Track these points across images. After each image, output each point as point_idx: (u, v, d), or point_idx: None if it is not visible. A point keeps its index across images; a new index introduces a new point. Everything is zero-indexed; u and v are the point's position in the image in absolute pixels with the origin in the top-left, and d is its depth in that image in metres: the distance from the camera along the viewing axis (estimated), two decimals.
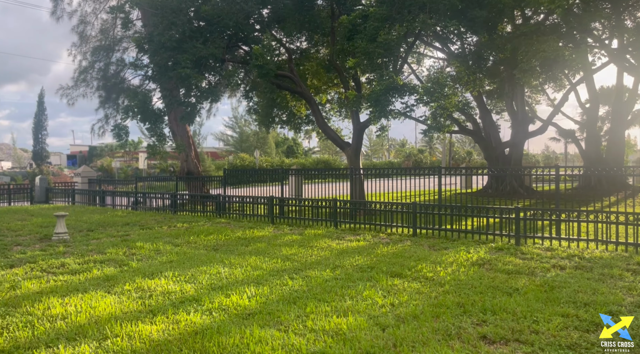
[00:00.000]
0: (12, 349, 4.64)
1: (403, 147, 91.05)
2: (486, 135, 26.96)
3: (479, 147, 34.77)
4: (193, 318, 5.48)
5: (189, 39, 16.95)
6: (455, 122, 26.38)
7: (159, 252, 9.65)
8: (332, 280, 7.21)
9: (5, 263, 8.78)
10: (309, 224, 13.58)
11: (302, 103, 22.75)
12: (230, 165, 49.81)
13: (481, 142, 27.20)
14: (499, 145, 26.92)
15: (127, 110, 17.69)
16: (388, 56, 15.65)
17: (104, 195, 20.27)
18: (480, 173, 14.47)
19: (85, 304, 6.05)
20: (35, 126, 49.03)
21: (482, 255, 9.09)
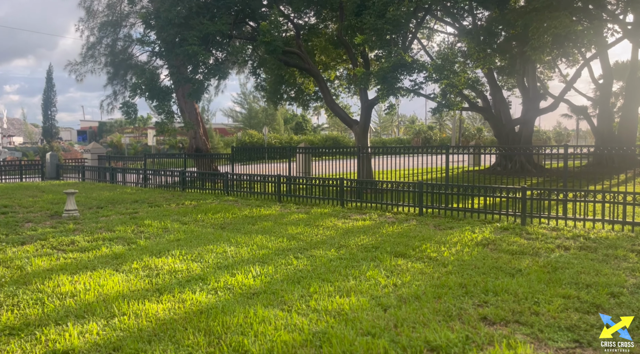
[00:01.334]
0: (23, 326, 4.78)
1: (413, 124, 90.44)
2: (496, 112, 26.69)
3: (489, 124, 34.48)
4: (198, 297, 5.58)
5: (195, 15, 16.81)
6: (465, 98, 26.13)
7: (167, 230, 9.78)
8: (336, 260, 7.28)
9: (17, 239, 8.96)
10: (316, 203, 13.65)
11: (310, 80, 22.61)
12: (238, 141, 49.89)
13: (491, 119, 26.95)
14: (509, 122, 26.65)
15: (135, 87, 17.69)
16: (397, 32, 15.44)
17: (113, 172, 20.45)
18: (489, 152, 14.36)
19: (93, 282, 6.18)
20: (44, 103, 49.23)
21: (487, 234, 9.11)
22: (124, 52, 26.40)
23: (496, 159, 25.72)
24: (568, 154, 14.24)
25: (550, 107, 26.50)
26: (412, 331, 4.63)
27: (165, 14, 16.62)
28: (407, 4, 14.84)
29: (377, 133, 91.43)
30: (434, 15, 22.15)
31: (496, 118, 26.46)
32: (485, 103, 27.09)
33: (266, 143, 48.22)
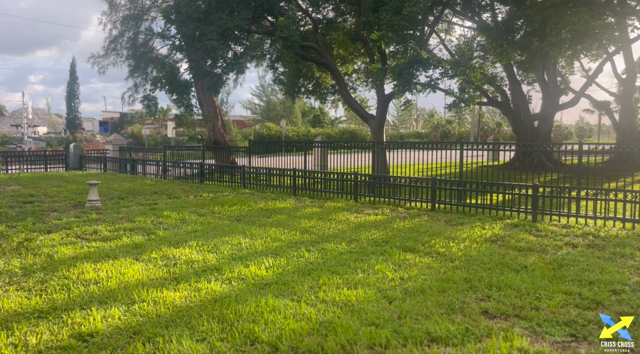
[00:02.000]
0: (51, 310, 5.13)
1: (432, 117, 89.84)
2: (515, 107, 26.54)
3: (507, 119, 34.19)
4: (213, 286, 5.89)
5: (215, 10, 17.10)
6: (484, 93, 26.01)
7: (185, 221, 10.13)
8: (346, 253, 7.53)
9: (43, 228, 9.39)
10: (330, 196, 13.90)
11: (328, 73, 22.77)
12: (256, 134, 50.32)
13: (510, 114, 26.80)
14: (528, 117, 26.47)
15: (156, 81, 18.10)
16: (413, 29, 15.52)
17: (133, 163, 20.96)
18: (503, 148, 14.40)
19: (115, 270, 6.53)
20: (68, 95, 50.32)
21: (497, 231, 9.26)
22: (145, 45, 26.88)
23: (514, 154, 25.60)
24: (586, 151, 14.24)
25: (570, 102, 26.27)
26: (414, 322, 4.86)
27: (185, 9, 16.97)
28: (423, 1, 14.91)
29: (395, 127, 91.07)
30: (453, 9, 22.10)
31: (515, 113, 26.33)
32: (503, 98, 26.95)
33: (283, 136, 48.55)
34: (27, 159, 23.49)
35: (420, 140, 63.72)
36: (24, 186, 16.20)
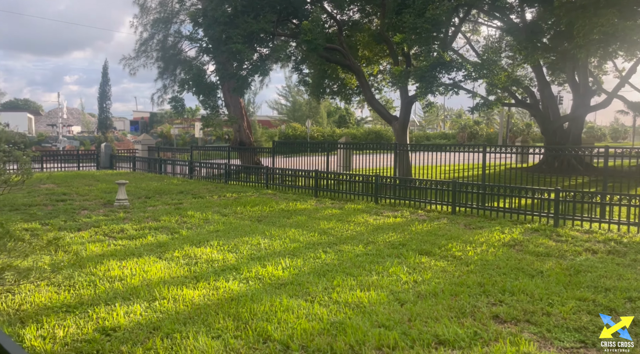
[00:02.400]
0: (78, 305, 5.42)
1: (460, 118, 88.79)
2: (544, 108, 26.10)
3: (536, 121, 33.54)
4: (231, 285, 6.10)
5: (240, 14, 17.40)
6: (511, 94, 25.69)
7: (208, 221, 10.41)
8: (363, 255, 7.66)
9: (74, 226, 9.80)
10: (351, 198, 14.02)
11: (352, 75, 22.88)
12: (281, 134, 50.72)
13: (538, 115, 26.38)
14: (558, 118, 25.99)
15: (183, 82, 18.53)
16: (436, 31, 15.50)
17: (161, 163, 21.49)
18: (526, 151, 14.27)
19: (139, 268, 6.82)
20: (100, 96, 51.73)
21: (516, 235, 9.25)
22: (174, 48, 27.47)
23: (543, 157, 25.22)
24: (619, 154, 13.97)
25: (603, 103, 25.69)
26: (423, 325, 4.97)
27: (212, 12, 17.32)
28: (446, 3, 14.89)
29: (421, 127, 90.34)
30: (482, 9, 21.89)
31: (543, 114, 25.90)
32: (532, 100, 26.55)
33: (309, 136, 48.83)
34: (61, 158, 24.30)
35: (447, 142, 63.16)
36: (58, 185, 16.82)
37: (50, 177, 19.59)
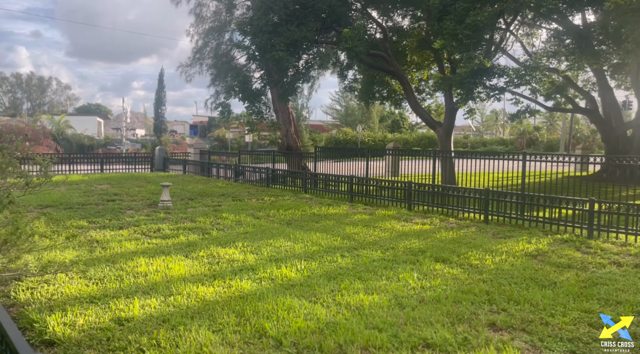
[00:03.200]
0: (102, 297, 5.96)
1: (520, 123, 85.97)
2: (605, 115, 24.97)
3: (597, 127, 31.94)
4: (243, 284, 6.48)
5: (284, 23, 17.94)
6: (570, 100, 24.79)
7: (240, 223, 10.90)
8: (378, 261, 7.85)
9: (116, 224, 10.56)
10: (385, 204, 14.15)
11: (396, 81, 22.91)
12: (332, 139, 51.16)
13: (598, 122, 25.26)
14: (620, 125, 24.72)
15: (229, 89, 19.33)
16: (477, 38, 15.37)
17: (209, 166, 22.40)
18: (567, 161, 13.88)
19: (164, 265, 7.34)
20: (156, 102, 54.43)
21: (542, 246, 9.12)
22: (226, 55, 28.53)
23: (603, 165, 24.06)
24: None
25: None
26: (415, 329, 5.13)
27: (257, 22, 17.97)
28: (488, 9, 14.75)
29: (479, 133, 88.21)
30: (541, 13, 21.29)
31: (604, 121, 24.76)
32: (592, 105, 25.42)
33: (359, 141, 49.00)
34: (118, 160, 25.83)
35: (503, 148, 61.54)
36: (112, 186, 17.96)
37: (107, 178, 20.91)
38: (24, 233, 3.86)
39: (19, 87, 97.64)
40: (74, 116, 69.08)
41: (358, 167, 18.52)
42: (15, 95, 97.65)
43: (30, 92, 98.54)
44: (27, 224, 4.27)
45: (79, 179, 20.22)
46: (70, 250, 8.17)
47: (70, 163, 24.71)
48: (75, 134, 48.69)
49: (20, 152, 6.57)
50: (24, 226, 4.14)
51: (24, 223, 4.09)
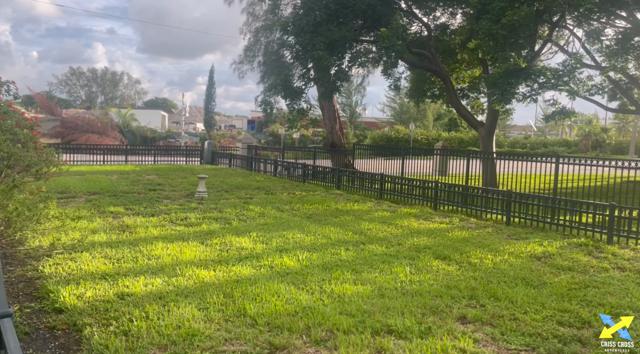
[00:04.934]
0: (114, 274, 6.68)
1: (590, 124, 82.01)
2: None
3: None
4: (242, 270, 7.03)
5: (325, 22, 18.39)
6: (632, 101, 23.69)
7: (263, 215, 11.50)
8: (380, 255, 8.18)
9: (150, 212, 11.43)
10: (411, 202, 14.33)
11: (452, 77, 22.78)
12: (384, 137, 51.12)
13: None
14: None
15: (272, 87, 20.02)
16: (514, 37, 15.14)
17: (252, 161, 23.28)
18: (602, 164, 13.43)
19: (178, 250, 8.02)
20: (206, 97, 56.74)
21: (551, 248, 9.10)
22: (275, 53, 29.40)
23: None
24: None
25: None
26: (384, 317, 5.48)
27: (299, 22, 18.52)
28: (525, 9, 14.53)
29: (540, 134, 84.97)
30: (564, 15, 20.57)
31: None
32: None
33: (412, 139, 48.69)
34: (171, 152, 27.30)
35: (566, 149, 59.19)
36: (159, 176, 19.15)
37: (157, 169, 22.22)
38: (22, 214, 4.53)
39: (94, 81, 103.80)
40: (140, 109, 72.77)
41: (392, 165, 18.70)
42: (91, 89, 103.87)
43: (104, 86, 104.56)
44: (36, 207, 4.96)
45: (130, 169, 21.66)
46: (101, 233, 9.05)
47: (126, 154, 26.40)
48: (140, 127, 51.41)
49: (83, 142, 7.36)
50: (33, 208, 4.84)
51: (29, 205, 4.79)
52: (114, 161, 25.94)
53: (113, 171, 21.12)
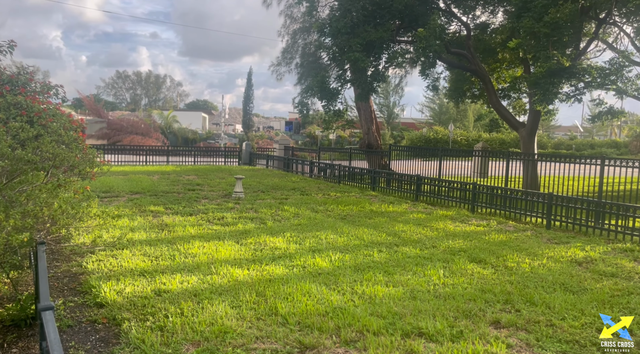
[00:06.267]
0: (152, 271, 6.89)
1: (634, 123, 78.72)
2: None
3: None
4: (275, 269, 7.12)
5: (361, 24, 18.37)
6: None
7: (297, 216, 11.59)
8: (413, 257, 8.12)
9: (189, 211, 11.70)
10: (448, 204, 14.13)
11: (494, 78, 22.38)
12: (421, 137, 50.54)
13: None
14: None
15: (308, 88, 20.14)
16: (557, 36, 14.72)
17: (288, 162, 23.47)
18: None
19: (214, 249, 8.19)
20: (244, 99, 57.56)
21: (594, 253, 8.81)
22: (312, 55, 29.57)
23: None
24: None
25: None
26: (415, 319, 5.44)
27: (335, 24, 18.56)
28: (569, 6, 14.11)
29: (588, 134, 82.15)
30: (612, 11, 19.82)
31: None
32: None
33: (450, 140, 47.97)
34: (210, 153, 27.84)
35: (614, 151, 57.13)
36: (198, 176, 19.57)
37: (197, 169, 22.70)
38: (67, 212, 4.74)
39: (138, 84, 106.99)
40: (181, 111, 74.47)
41: (429, 167, 18.51)
42: (136, 92, 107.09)
43: (148, 89, 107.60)
44: (79, 205, 5.19)
45: (171, 169, 22.22)
46: (141, 231, 9.34)
47: (168, 155, 27.10)
48: (181, 128, 52.64)
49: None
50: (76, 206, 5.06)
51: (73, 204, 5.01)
52: (156, 161, 26.66)
53: (155, 171, 21.71)
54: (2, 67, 7.83)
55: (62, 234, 5.46)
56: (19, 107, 6.46)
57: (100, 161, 7.22)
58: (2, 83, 7.10)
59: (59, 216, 4.90)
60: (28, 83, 7.52)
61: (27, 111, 6.50)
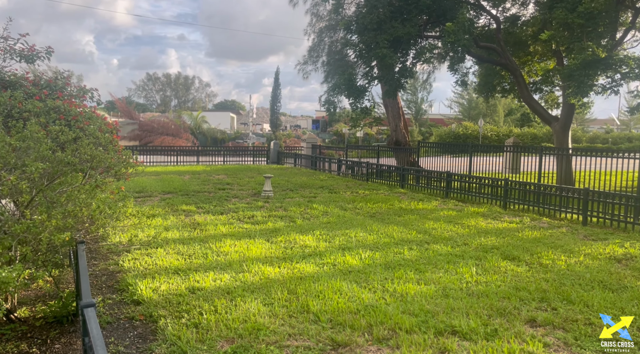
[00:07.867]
0: (185, 269, 7.01)
1: None
2: None
3: None
4: (306, 267, 7.15)
5: (389, 20, 18.25)
6: None
7: (326, 214, 11.61)
8: (445, 255, 8.04)
9: (219, 210, 11.86)
10: (479, 201, 13.93)
11: (525, 70, 21.96)
12: (450, 133, 49.92)
13: None
14: None
15: (335, 86, 20.13)
16: (592, 26, 14.32)
17: (316, 160, 23.51)
18: None
19: (245, 247, 8.28)
20: (272, 99, 57.95)
21: (634, 250, 8.56)
22: (339, 53, 29.53)
23: None
24: None
25: None
26: (448, 317, 5.39)
27: (362, 20, 18.50)
28: None
29: (625, 127, 79.81)
30: None
31: None
32: None
33: (480, 136, 47.25)
34: (239, 152, 28.14)
35: None
36: (227, 176, 19.80)
37: (226, 168, 22.97)
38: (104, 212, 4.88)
39: (168, 86, 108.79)
40: (210, 112, 75.43)
41: (458, 163, 18.28)
42: (165, 93, 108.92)
43: (177, 90, 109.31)
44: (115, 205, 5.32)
45: (201, 169, 22.54)
46: (174, 230, 9.51)
47: (198, 155, 27.51)
48: (210, 128, 53.33)
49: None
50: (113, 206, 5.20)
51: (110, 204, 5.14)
52: (187, 161, 27.10)
53: (185, 171, 22.07)
54: (40, 73, 8.08)
55: (99, 233, 5.61)
56: (57, 110, 6.66)
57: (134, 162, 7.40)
58: (41, 88, 7.32)
59: (97, 216, 5.04)
60: (65, 87, 7.74)
61: (64, 115, 6.69)
